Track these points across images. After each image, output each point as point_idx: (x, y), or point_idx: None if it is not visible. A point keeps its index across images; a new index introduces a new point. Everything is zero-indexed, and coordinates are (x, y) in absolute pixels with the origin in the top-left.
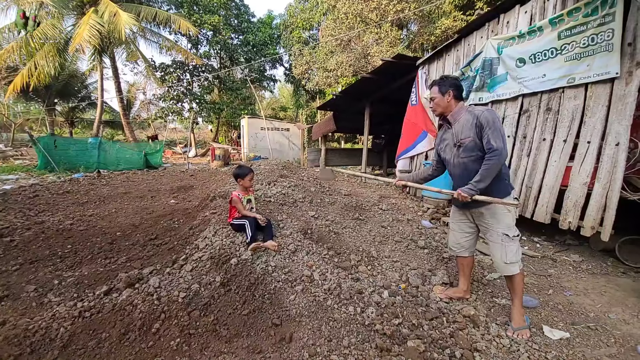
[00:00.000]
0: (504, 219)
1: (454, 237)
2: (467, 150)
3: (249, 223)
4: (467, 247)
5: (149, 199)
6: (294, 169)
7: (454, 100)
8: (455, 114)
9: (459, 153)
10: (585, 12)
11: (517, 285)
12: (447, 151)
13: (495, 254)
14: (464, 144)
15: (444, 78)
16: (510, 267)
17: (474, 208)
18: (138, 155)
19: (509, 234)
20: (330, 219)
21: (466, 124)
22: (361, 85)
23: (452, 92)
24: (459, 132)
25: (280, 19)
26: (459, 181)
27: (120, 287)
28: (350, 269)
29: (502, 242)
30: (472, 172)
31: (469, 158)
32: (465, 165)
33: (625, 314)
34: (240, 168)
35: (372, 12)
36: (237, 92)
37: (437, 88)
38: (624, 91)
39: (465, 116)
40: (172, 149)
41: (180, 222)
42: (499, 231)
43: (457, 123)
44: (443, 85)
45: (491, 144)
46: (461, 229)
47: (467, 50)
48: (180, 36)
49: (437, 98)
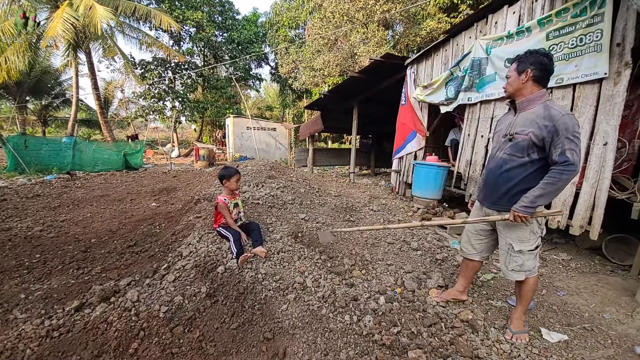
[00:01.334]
0: (516, 230)
1: (467, 237)
2: (516, 148)
3: (232, 239)
4: (478, 251)
5: (128, 202)
6: (282, 170)
7: (531, 83)
8: (527, 101)
9: (506, 147)
10: (573, 12)
11: (524, 292)
12: (495, 140)
13: (500, 259)
14: (516, 140)
15: (529, 52)
16: (513, 273)
17: (488, 209)
18: (117, 155)
19: (515, 246)
20: (321, 221)
21: (532, 117)
22: (349, 85)
23: (530, 71)
24: (518, 124)
25: (265, 17)
26: (489, 177)
27: (93, 301)
28: (344, 274)
29: (508, 251)
30: (507, 174)
31: (512, 157)
32: (503, 164)
33: (619, 313)
34: (226, 169)
35: (358, 12)
36: (222, 90)
37: (515, 64)
38: (612, 91)
39: (538, 109)
40: (155, 148)
41: (162, 226)
42: (507, 240)
43: (523, 112)
44: (523, 61)
45: (567, 156)
46: (476, 230)
47: (455, 50)
48: (162, 32)
49: (512, 76)
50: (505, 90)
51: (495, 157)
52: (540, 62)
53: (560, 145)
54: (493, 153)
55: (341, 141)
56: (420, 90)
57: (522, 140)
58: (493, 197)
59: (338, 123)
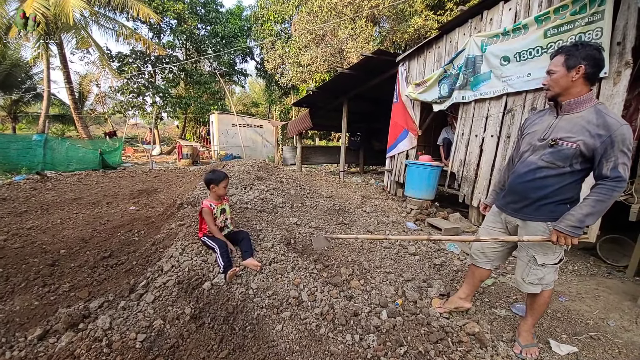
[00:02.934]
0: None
1: (480, 244)
2: (558, 156)
3: (219, 251)
4: (491, 260)
5: (104, 206)
6: (270, 170)
7: (581, 81)
8: (575, 103)
9: (543, 153)
10: (572, 10)
11: (537, 306)
12: (526, 142)
13: (517, 269)
14: (560, 147)
15: (580, 45)
16: (530, 286)
17: (510, 216)
18: (93, 154)
19: (539, 259)
20: (314, 226)
21: (581, 122)
22: (339, 81)
23: (584, 67)
24: (562, 129)
25: (250, 11)
26: (516, 182)
27: (59, 328)
28: (341, 285)
29: (528, 263)
30: (540, 181)
31: (551, 165)
32: (537, 170)
33: (623, 320)
34: (213, 173)
35: (346, 7)
36: (206, 86)
37: (562, 58)
38: (611, 91)
39: (587, 113)
40: (134, 146)
41: (141, 234)
42: (529, 251)
43: (568, 115)
44: (574, 55)
45: (619, 171)
46: (491, 236)
47: (449, 47)
48: (140, 24)
49: (559, 72)
50: (549, 88)
51: (526, 161)
52: (595, 57)
53: (613, 158)
54: (524, 157)
55: (329, 138)
56: (412, 88)
57: (567, 148)
58: (519, 204)
59: (327, 120)
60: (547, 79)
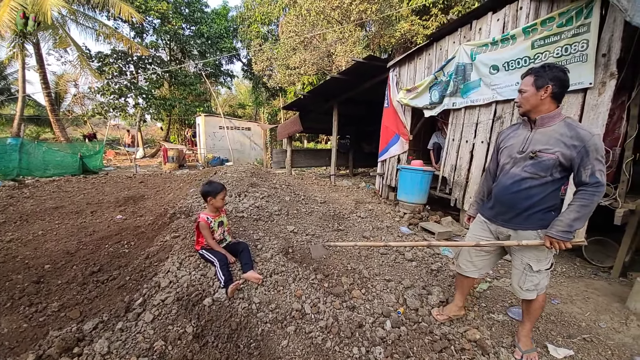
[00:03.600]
0: (534, 249)
1: (468, 254)
2: (539, 167)
3: (218, 264)
4: (478, 268)
5: (88, 215)
6: (263, 175)
7: (549, 99)
8: (547, 117)
9: (524, 165)
10: (559, 22)
11: (533, 310)
12: (505, 155)
13: (513, 277)
14: (540, 158)
15: (547, 67)
16: (527, 293)
17: (502, 227)
18: (72, 158)
19: (534, 266)
20: (311, 233)
21: (555, 135)
22: (330, 85)
23: (551, 87)
24: (538, 141)
25: (236, 12)
26: (503, 194)
27: (52, 353)
28: (343, 295)
29: (524, 270)
30: (525, 192)
31: (534, 176)
32: (522, 181)
33: (613, 321)
34: (210, 185)
35: (334, 11)
36: (191, 87)
37: (531, 78)
38: (596, 101)
39: (559, 127)
40: (116, 148)
41: (131, 245)
42: (523, 260)
43: (542, 129)
44: (542, 76)
45: (597, 177)
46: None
47: (439, 54)
48: (121, 23)
49: (528, 92)
50: (520, 106)
51: (509, 173)
52: (560, 79)
53: (590, 166)
54: (506, 169)
55: (317, 140)
56: (403, 94)
57: (547, 159)
58: (508, 215)
59: (317, 123)
60: (519, 96)
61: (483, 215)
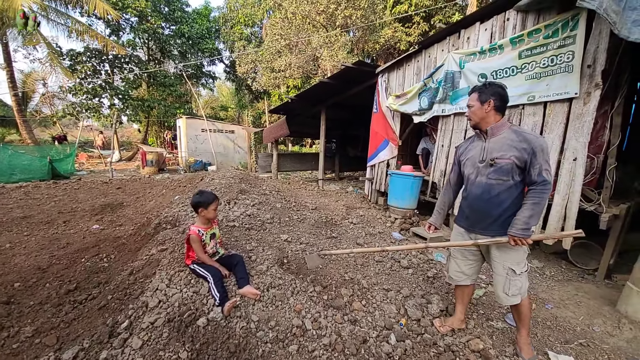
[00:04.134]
0: (512, 253)
1: (457, 265)
2: (500, 172)
3: (212, 280)
4: (469, 275)
5: (61, 225)
6: (252, 181)
7: (493, 112)
8: (495, 128)
9: (487, 172)
10: (545, 33)
11: (523, 315)
12: (469, 166)
13: (497, 285)
14: (499, 164)
15: (488, 85)
16: (512, 298)
17: (480, 234)
18: (40, 161)
19: (516, 270)
20: (305, 242)
21: (507, 142)
22: (318, 90)
23: (492, 101)
24: (494, 149)
25: (219, 12)
26: (476, 203)
27: None
28: (344, 308)
29: (507, 275)
30: (496, 198)
31: (498, 182)
32: (490, 188)
33: (606, 325)
34: (201, 195)
35: (319, 15)
36: (171, 88)
37: (476, 95)
38: (582, 110)
39: (507, 134)
40: (88, 151)
41: (111, 259)
42: (505, 264)
43: (494, 138)
44: (484, 93)
45: (543, 176)
46: (464, 256)
47: (427, 61)
48: (96, 20)
49: (475, 106)
50: (470, 119)
51: (477, 183)
52: (500, 94)
53: (538, 166)
54: (472, 179)
55: (301, 144)
56: (393, 100)
57: (505, 164)
58: (484, 223)
59: (304, 127)
60: (468, 111)
61: (460, 226)
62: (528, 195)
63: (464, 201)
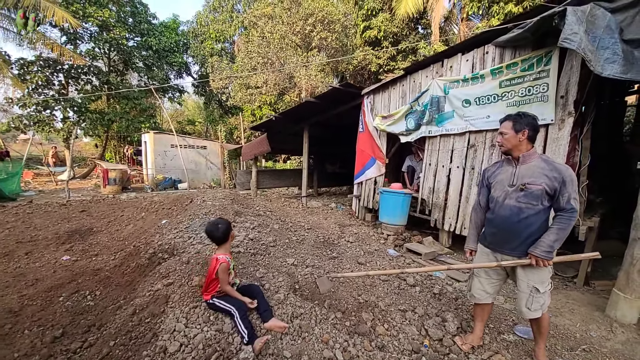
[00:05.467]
0: (537, 273)
1: (480, 284)
2: (531, 197)
3: (238, 315)
4: (491, 294)
5: (22, 257)
6: (242, 201)
7: (526, 141)
8: (527, 155)
9: (517, 196)
10: (522, 67)
11: (543, 328)
12: (498, 188)
13: (520, 301)
14: (530, 189)
15: (522, 115)
16: (534, 312)
17: (508, 255)
18: None
19: (540, 288)
20: (310, 264)
21: (538, 170)
22: (303, 109)
23: (527, 132)
24: (525, 175)
25: (188, 27)
26: (504, 224)
27: None
28: (369, 334)
29: (531, 293)
30: (524, 221)
31: (528, 206)
32: (519, 212)
33: (601, 330)
34: (223, 221)
35: (295, 35)
36: (135, 101)
37: (510, 124)
38: (557, 135)
39: (537, 162)
40: (34, 168)
41: (96, 296)
42: (529, 283)
43: (525, 165)
44: (519, 122)
45: (571, 204)
46: (488, 275)
47: (412, 86)
48: (50, 27)
49: (509, 134)
50: (502, 146)
51: (505, 205)
52: (533, 125)
53: (567, 194)
54: (500, 201)
55: (275, 159)
56: (379, 120)
57: (536, 189)
58: (513, 244)
59: (284, 144)
60: (500, 138)
61: (485, 245)
62: (555, 221)
63: (489, 222)
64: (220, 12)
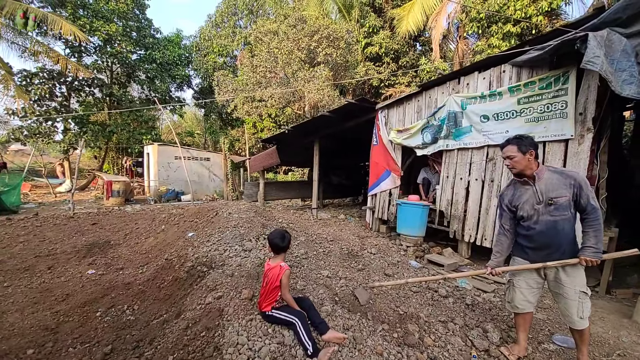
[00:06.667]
0: (580, 277)
1: (522, 294)
2: (561, 209)
3: (300, 325)
4: (533, 302)
5: (45, 272)
6: (262, 214)
7: (534, 159)
8: (539, 172)
9: (550, 211)
10: (540, 85)
11: (585, 336)
12: (527, 209)
13: (570, 310)
14: (558, 202)
15: (522, 137)
16: (584, 321)
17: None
18: None
19: (587, 291)
20: (342, 276)
21: (556, 182)
22: (316, 122)
23: (533, 151)
24: (548, 190)
25: (190, 41)
26: (543, 238)
27: None
28: (419, 346)
29: (580, 299)
30: (562, 231)
31: (562, 217)
32: (556, 224)
33: (631, 335)
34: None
35: (300, 51)
36: (137, 113)
37: (515, 147)
38: (577, 149)
39: (549, 174)
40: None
41: (135, 310)
42: (576, 289)
43: (540, 181)
44: (523, 144)
45: (592, 204)
46: (529, 285)
47: (428, 101)
48: (55, 40)
49: (517, 157)
50: (514, 168)
51: (541, 221)
52: (535, 144)
53: (585, 196)
54: (534, 219)
55: (275, 171)
56: (395, 134)
57: (564, 201)
58: (557, 254)
59: (293, 157)
60: (509, 161)
61: (524, 259)
62: (585, 225)
63: (525, 238)
64: (222, 27)
